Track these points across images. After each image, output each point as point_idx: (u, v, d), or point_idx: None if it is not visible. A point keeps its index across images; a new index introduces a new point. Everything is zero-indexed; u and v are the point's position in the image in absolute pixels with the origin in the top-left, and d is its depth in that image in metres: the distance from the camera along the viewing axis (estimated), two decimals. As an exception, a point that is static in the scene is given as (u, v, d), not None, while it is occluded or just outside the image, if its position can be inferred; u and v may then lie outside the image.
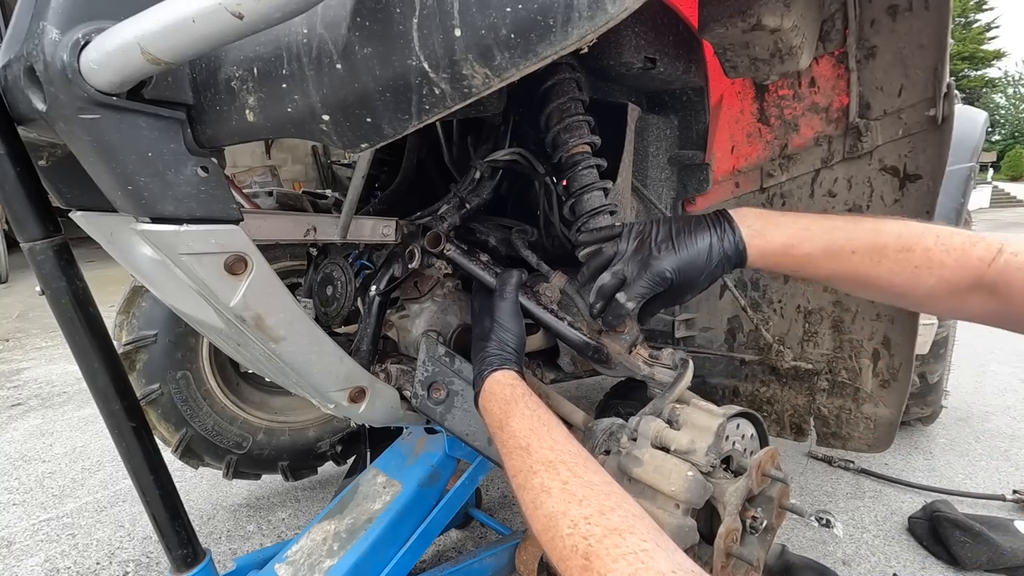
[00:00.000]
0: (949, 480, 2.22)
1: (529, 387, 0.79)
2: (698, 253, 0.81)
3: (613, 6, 0.47)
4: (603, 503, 0.57)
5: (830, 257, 0.81)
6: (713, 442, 0.71)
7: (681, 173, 1.38)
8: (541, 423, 0.70)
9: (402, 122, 0.57)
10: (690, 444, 0.71)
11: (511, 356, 0.84)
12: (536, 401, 0.75)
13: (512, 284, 0.94)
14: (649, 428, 0.75)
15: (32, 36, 0.53)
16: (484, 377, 0.81)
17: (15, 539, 1.92)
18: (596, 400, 2.30)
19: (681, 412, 0.77)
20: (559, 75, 0.96)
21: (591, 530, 0.54)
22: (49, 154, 0.74)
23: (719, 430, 0.72)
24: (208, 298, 0.69)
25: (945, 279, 0.75)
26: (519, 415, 0.72)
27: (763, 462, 0.74)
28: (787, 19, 0.93)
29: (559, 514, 0.57)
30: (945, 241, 0.76)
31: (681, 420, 0.76)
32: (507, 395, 0.76)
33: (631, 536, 0.52)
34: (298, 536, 1.24)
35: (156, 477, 0.84)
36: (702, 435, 0.72)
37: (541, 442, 0.66)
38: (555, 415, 0.73)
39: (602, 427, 0.85)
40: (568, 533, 0.55)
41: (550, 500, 0.59)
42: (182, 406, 1.68)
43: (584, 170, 0.95)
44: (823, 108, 1.21)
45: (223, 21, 0.43)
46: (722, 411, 0.76)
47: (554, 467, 0.62)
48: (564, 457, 0.64)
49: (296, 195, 1.75)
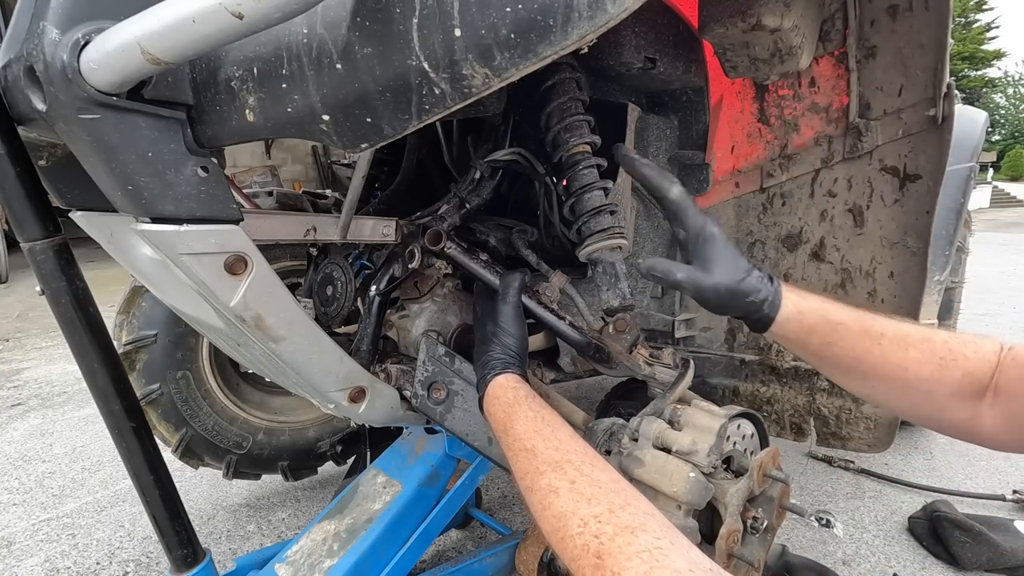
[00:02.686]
0: (949, 480, 2.21)
1: (533, 389, 0.79)
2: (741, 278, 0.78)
3: (613, 6, 0.47)
4: (613, 501, 0.56)
5: (863, 333, 0.77)
6: (715, 443, 0.71)
7: (681, 173, 1.38)
8: (545, 424, 0.69)
9: (402, 122, 0.57)
10: (692, 445, 0.71)
11: (514, 360, 0.84)
12: (539, 402, 0.74)
13: (515, 287, 0.93)
14: (650, 429, 0.75)
15: (32, 36, 0.53)
16: (487, 382, 0.81)
17: (15, 539, 1.92)
18: (596, 400, 2.30)
19: (682, 413, 0.77)
20: (560, 74, 0.96)
21: (602, 528, 0.53)
22: (49, 154, 0.74)
23: (721, 431, 0.72)
24: (208, 298, 0.69)
25: (970, 373, 0.72)
26: (523, 417, 0.71)
27: (764, 463, 0.74)
28: (787, 19, 0.93)
29: (568, 513, 0.56)
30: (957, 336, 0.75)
31: (682, 421, 0.76)
32: (510, 398, 0.76)
33: (644, 533, 0.51)
34: (298, 536, 1.24)
35: (156, 477, 0.84)
36: (704, 436, 0.72)
37: (546, 443, 0.66)
38: (559, 415, 0.72)
39: (603, 427, 0.85)
40: (579, 532, 0.54)
41: (558, 500, 0.58)
42: (182, 406, 1.68)
43: (584, 169, 0.95)
44: (823, 108, 1.21)
45: (223, 21, 0.43)
46: (723, 412, 0.76)
47: (560, 467, 0.62)
48: (570, 456, 0.63)
49: (296, 195, 1.75)
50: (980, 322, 4.41)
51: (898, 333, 0.76)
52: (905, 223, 1.17)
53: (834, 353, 0.79)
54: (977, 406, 0.72)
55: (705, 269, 0.78)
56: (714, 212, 1.42)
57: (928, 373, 0.74)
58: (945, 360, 0.73)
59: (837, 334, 0.78)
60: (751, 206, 1.39)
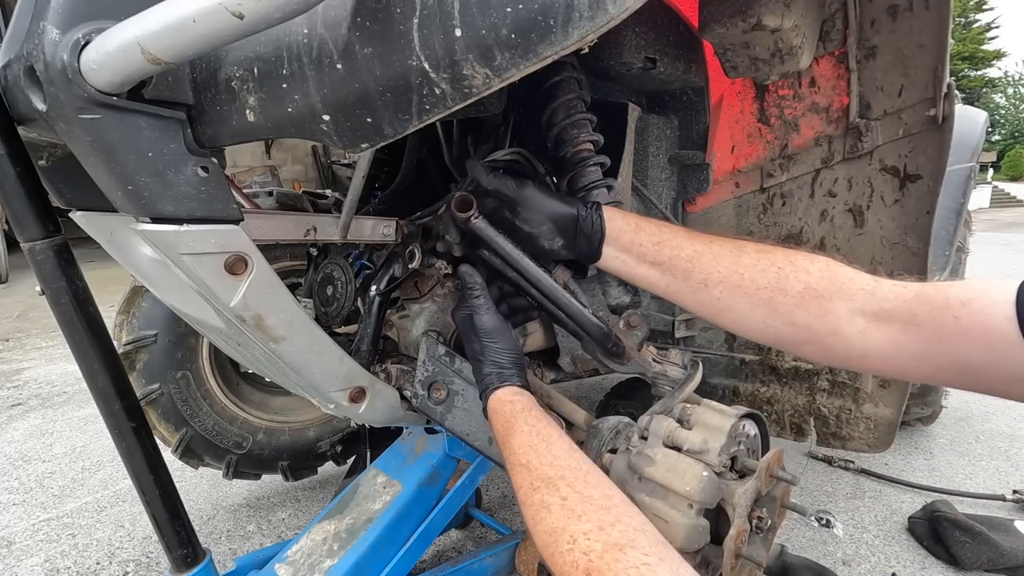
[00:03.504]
0: (949, 480, 2.22)
1: (532, 399, 0.79)
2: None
3: (614, 6, 0.47)
4: (602, 518, 0.57)
5: (691, 236, 0.80)
6: (726, 442, 0.71)
7: (681, 173, 1.38)
8: (540, 438, 0.70)
9: (402, 122, 0.57)
10: (703, 444, 0.70)
11: (509, 371, 0.84)
12: (536, 415, 0.75)
13: (478, 293, 0.90)
14: (661, 427, 0.74)
15: (32, 36, 0.53)
16: (486, 399, 0.82)
17: (15, 539, 1.92)
18: (596, 400, 2.30)
19: (692, 412, 0.77)
20: (564, 73, 0.96)
21: (591, 546, 0.54)
22: (49, 154, 0.74)
23: (731, 430, 0.72)
24: (208, 298, 0.69)
25: (812, 287, 0.71)
26: (518, 432, 0.72)
27: (771, 463, 0.74)
28: (787, 19, 0.93)
29: (559, 530, 0.57)
30: (798, 252, 0.75)
31: (692, 420, 0.76)
32: (507, 412, 0.77)
33: (632, 551, 0.52)
34: (298, 536, 1.24)
35: (156, 477, 0.84)
36: (715, 435, 0.72)
37: (540, 458, 0.67)
38: (557, 427, 0.73)
39: (608, 425, 0.84)
40: (568, 549, 0.55)
41: (550, 516, 0.59)
42: (182, 406, 1.68)
43: (590, 167, 0.96)
44: (823, 108, 1.21)
45: (223, 21, 0.43)
46: (733, 411, 0.76)
47: (553, 483, 0.63)
48: (563, 473, 0.64)
49: (296, 195, 1.74)
50: (980, 322, 4.40)
51: (728, 240, 0.78)
52: (905, 223, 1.17)
53: (667, 255, 0.80)
54: (835, 325, 0.70)
55: None
56: (715, 212, 1.42)
57: (766, 281, 0.73)
58: (784, 270, 0.73)
59: (665, 233, 0.81)
60: (751, 206, 1.39)
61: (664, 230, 0.83)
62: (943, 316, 0.62)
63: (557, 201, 0.89)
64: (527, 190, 0.90)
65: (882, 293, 0.68)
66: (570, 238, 0.88)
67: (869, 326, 0.68)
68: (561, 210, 0.88)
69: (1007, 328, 0.56)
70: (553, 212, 0.89)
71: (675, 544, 0.65)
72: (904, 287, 0.68)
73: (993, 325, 0.57)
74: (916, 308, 0.65)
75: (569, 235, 0.88)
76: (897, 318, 0.66)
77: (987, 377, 0.60)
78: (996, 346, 0.57)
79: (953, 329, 0.61)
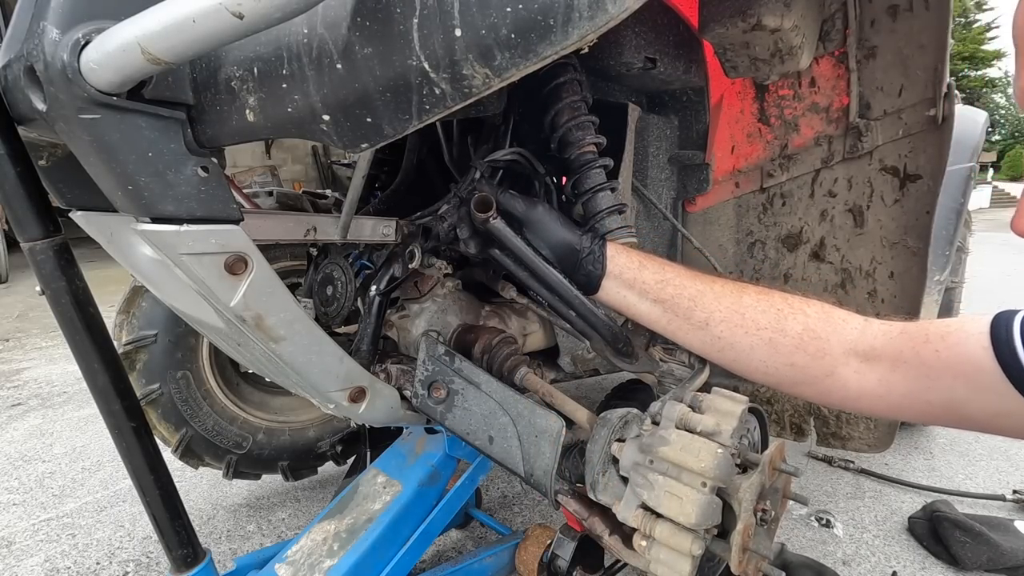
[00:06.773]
0: (949, 480, 2.22)
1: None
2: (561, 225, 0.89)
3: (614, 6, 0.47)
4: None
5: (693, 276, 0.82)
6: (738, 426, 0.71)
7: (681, 173, 1.38)
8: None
9: (402, 122, 0.57)
10: (716, 426, 0.71)
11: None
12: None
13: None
14: (674, 411, 0.75)
15: (32, 36, 0.53)
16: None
17: (15, 539, 1.92)
18: (596, 400, 2.30)
19: (704, 399, 0.78)
20: (567, 75, 0.96)
21: None
22: (49, 154, 0.74)
23: (743, 415, 0.73)
24: (208, 298, 0.69)
25: (811, 328, 0.73)
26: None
27: (775, 457, 0.74)
28: (787, 19, 0.93)
29: None
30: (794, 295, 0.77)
31: (704, 406, 0.77)
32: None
33: None
34: (298, 536, 1.24)
35: (156, 477, 0.84)
36: (727, 419, 0.72)
37: None
38: None
39: (617, 415, 0.85)
40: None
41: None
42: (182, 406, 1.68)
43: (596, 169, 0.96)
44: (823, 108, 1.22)
45: (223, 21, 0.43)
46: (743, 398, 0.77)
47: None
48: None
49: (296, 195, 1.75)
50: (980, 322, 4.41)
51: (730, 282, 0.80)
52: (905, 223, 1.17)
53: (670, 294, 0.82)
54: (832, 367, 0.72)
55: None
56: (714, 212, 1.42)
57: (767, 321, 0.75)
58: (783, 311, 0.75)
59: (668, 272, 0.83)
60: (751, 206, 1.39)
61: (667, 269, 0.84)
62: (925, 351, 0.64)
63: (564, 229, 0.89)
64: (535, 212, 0.90)
65: (871, 332, 0.71)
66: (569, 270, 0.88)
67: (862, 366, 0.70)
68: (565, 239, 0.88)
69: (983, 357, 0.58)
70: (557, 240, 0.89)
71: (689, 521, 0.66)
72: (890, 326, 0.70)
73: (971, 356, 0.60)
74: (901, 345, 0.67)
75: (568, 266, 0.88)
76: (886, 356, 0.68)
77: (973, 412, 0.62)
78: (976, 377, 0.59)
79: (935, 363, 0.63)
